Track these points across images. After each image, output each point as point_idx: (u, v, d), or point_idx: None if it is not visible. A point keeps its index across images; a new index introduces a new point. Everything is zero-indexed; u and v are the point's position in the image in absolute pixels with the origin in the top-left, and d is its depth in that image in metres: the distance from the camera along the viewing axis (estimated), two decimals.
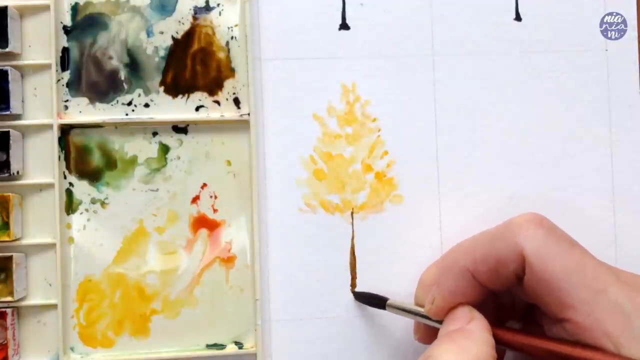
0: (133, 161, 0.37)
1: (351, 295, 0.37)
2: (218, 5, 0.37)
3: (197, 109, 0.37)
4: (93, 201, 0.37)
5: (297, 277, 0.37)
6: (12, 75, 0.35)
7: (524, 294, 0.32)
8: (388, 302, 0.35)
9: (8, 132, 0.35)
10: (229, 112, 0.37)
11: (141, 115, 0.37)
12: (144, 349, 0.36)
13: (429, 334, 0.34)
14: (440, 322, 0.32)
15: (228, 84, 0.37)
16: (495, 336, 0.31)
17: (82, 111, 0.37)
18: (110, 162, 0.37)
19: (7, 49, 0.35)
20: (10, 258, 0.35)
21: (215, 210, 0.37)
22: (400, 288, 0.37)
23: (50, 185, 0.36)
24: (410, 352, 0.37)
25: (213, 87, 0.37)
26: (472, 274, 0.31)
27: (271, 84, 0.37)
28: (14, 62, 0.36)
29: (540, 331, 0.31)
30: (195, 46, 0.37)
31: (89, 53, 0.37)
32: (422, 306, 0.34)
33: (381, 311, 0.37)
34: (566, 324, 0.29)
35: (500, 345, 0.31)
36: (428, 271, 0.36)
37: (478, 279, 0.31)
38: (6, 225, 0.35)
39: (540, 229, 0.30)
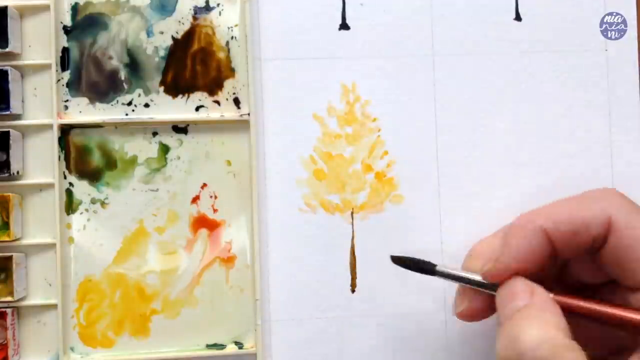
0: (133, 161, 0.37)
1: (351, 295, 0.37)
2: (218, 5, 0.37)
3: (197, 109, 0.37)
4: (93, 201, 0.37)
5: (297, 277, 0.37)
6: (12, 75, 0.35)
7: (593, 266, 0.31)
8: (437, 267, 0.33)
9: (8, 132, 0.35)
10: (229, 112, 0.37)
11: (141, 115, 0.37)
12: (144, 349, 0.37)
13: (478, 305, 0.32)
14: (494, 289, 0.31)
15: (228, 84, 0.37)
16: (567, 307, 0.30)
17: (82, 111, 0.37)
18: (110, 162, 0.37)
19: (7, 49, 0.35)
20: (10, 258, 0.35)
21: (215, 210, 0.37)
22: (400, 288, 0.37)
23: (50, 185, 0.36)
24: (411, 352, 0.37)
25: (213, 87, 0.37)
26: (548, 235, 0.30)
27: (271, 84, 0.37)
28: (14, 62, 0.36)
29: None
30: (195, 46, 0.37)
31: (89, 53, 0.37)
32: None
33: (381, 311, 0.37)
34: None
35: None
36: (484, 241, 0.34)
37: (554, 241, 0.30)
38: (6, 225, 0.35)
39: (625, 199, 0.30)
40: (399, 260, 0.34)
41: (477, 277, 0.32)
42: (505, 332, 0.29)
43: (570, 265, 0.33)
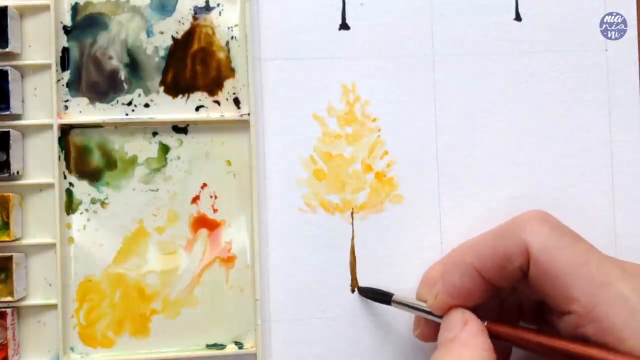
0: (133, 161, 0.37)
1: (351, 295, 0.37)
2: (218, 5, 0.37)
3: (197, 109, 0.37)
4: (93, 201, 0.37)
5: (297, 277, 0.37)
6: (12, 75, 0.35)
7: (529, 290, 0.32)
8: (393, 297, 0.35)
9: (8, 132, 0.35)
10: (229, 112, 0.37)
11: (141, 115, 0.37)
12: (144, 349, 0.36)
13: (428, 330, 0.34)
14: (441, 317, 0.33)
15: (228, 84, 0.37)
16: (496, 334, 0.31)
17: (82, 111, 0.37)
18: (110, 162, 0.37)
19: (7, 49, 0.35)
20: (10, 258, 0.35)
21: (215, 210, 0.37)
22: (400, 288, 0.37)
23: (50, 185, 0.36)
24: (411, 352, 0.37)
25: (213, 87, 0.37)
26: (477, 271, 0.31)
27: (271, 84, 0.37)
28: (14, 62, 0.36)
29: (549, 330, 0.31)
30: (195, 46, 0.37)
31: (89, 53, 0.37)
32: (425, 302, 0.34)
33: (381, 311, 0.37)
34: (571, 317, 0.29)
35: (503, 342, 0.31)
36: (432, 269, 0.36)
37: (483, 275, 0.31)
38: (6, 225, 0.35)
39: (545, 224, 0.30)
40: (364, 292, 0.37)
41: (426, 308, 0.34)
42: None
43: (513, 290, 0.34)
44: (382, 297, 0.36)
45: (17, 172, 0.36)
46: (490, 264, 0.31)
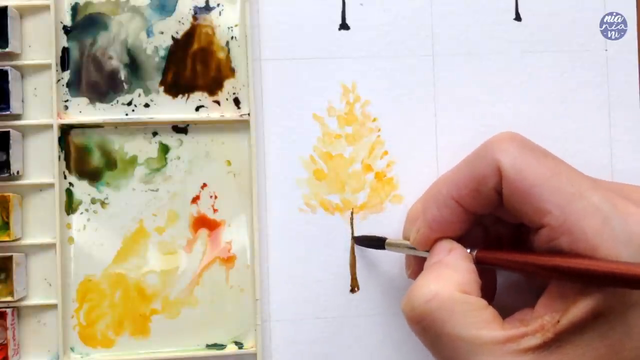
0: (133, 161, 0.37)
1: (351, 295, 0.37)
2: (218, 5, 0.37)
3: (197, 109, 0.37)
4: (93, 201, 0.37)
5: (297, 277, 0.37)
6: (12, 75, 0.35)
7: (505, 215, 0.32)
8: (387, 241, 0.35)
9: (8, 132, 0.35)
10: (229, 112, 0.37)
11: (141, 115, 0.37)
12: (144, 349, 0.37)
13: (419, 269, 0.34)
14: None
15: (228, 84, 0.37)
16: (483, 260, 0.31)
17: (82, 111, 0.37)
18: (110, 162, 0.37)
19: (7, 49, 0.35)
20: (10, 258, 0.35)
21: (215, 210, 0.37)
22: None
23: (50, 185, 0.36)
24: (411, 352, 0.37)
25: (213, 87, 0.37)
26: (455, 200, 0.31)
27: (271, 84, 0.37)
28: (14, 62, 0.36)
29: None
30: (195, 46, 0.37)
31: (89, 53, 0.37)
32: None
33: (381, 310, 0.37)
34: (544, 230, 0.29)
35: (487, 266, 0.31)
36: (413, 207, 0.36)
37: (461, 203, 0.31)
38: (6, 225, 0.35)
39: (514, 142, 0.30)
40: (359, 240, 0.37)
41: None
42: (409, 290, 0.31)
43: (487, 220, 0.34)
44: (376, 242, 0.36)
45: (17, 172, 0.36)
46: (466, 190, 0.31)
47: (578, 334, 0.28)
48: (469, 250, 0.32)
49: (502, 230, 0.34)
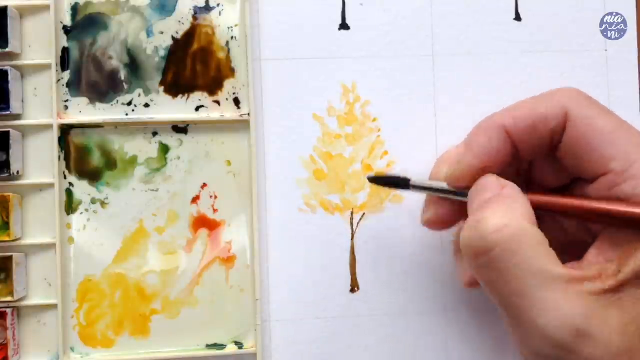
0: (133, 161, 0.37)
1: (351, 295, 0.37)
2: (218, 5, 0.37)
3: (197, 109, 0.37)
4: (93, 201, 0.37)
5: (297, 277, 0.37)
6: (12, 75, 0.35)
7: (556, 160, 0.31)
8: (412, 181, 0.33)
9: (8, 132, 0.35)
10: (229, 112, 0.37)
11: (141, 115, 0.37)
12: (144, 349, 0.37)
13: (443, 211, 0.33)
14: (465, 196, 0.31)
15: (228, 84, 0.37)
16: (533, 202, 0.30)
17: (82, 111, 0.37)
18: (110, 162, 0.37)
19: (7, 49, 0.35)
20: (10, 258, 0.35)
21: (215, 210, 0.37)
22: (400, 287, 0.37)
23: (50, 185, 0.36)
24: (410, 352, 0.37)
25: (213, 87, 0.37)
26: (508, 132, 0.31)
27: (271, 84, 0.38)
28: (14, 62, 0.36)
29: None
30: (195, 46, 0.37)
31: (89, 53, 0.37)
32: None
33: (381, 310, 0.37)
34: (606, 178, 0.29)
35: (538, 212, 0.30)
36: (446, 151, 0.35)
37: (514, 136, 0.31)
38: (6, 225, 0.35)
39: (582, 93, 0.31)
40: (375, 180, 0.35)
41: (450, 188, 0.32)
42: (471, 219, 0.29)
43: (532, 170, 0.33)
44: (398, 182, 0.33)
45: (17, 172, 0.36)
46: (524, 124, 0.30)
47: None
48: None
49: (540, 181, 0.33)
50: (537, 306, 0.27)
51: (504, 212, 0.29)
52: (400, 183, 0.33)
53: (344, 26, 0.38)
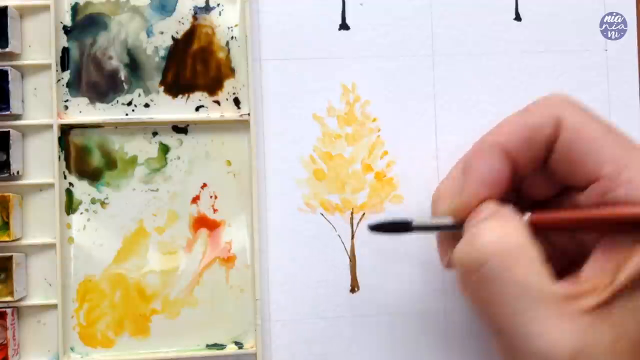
0: (133, 161, 0.37)
1: (351, 295, 0.37)
2: (218, 5, 0.37)
3: (197, 109, 0.37)
4: (93, 201, 0.37)
5: (297, 277, 0.37)
6: (12, 75, 0.35)
7: (545, 171, 0.31)
8: (414, 223, 0.32)
9: (8, 132, 0.35)
10: (229, 112, 0.37)
11: (141, 115, 0.37)
12: (144, 349, 0.37)
13: None
14: None
15: (228, 84, 0.37)
16: (534, 222, 0.30)
17: (82, 111, 0.37)
18: (110, 162, 0.37)
19: (7, 49, 0.35)
20: (10, 258, 0.35)
21: (215, 210, 0.37)
22: (400, 288, 0.37)
23: (50, 185, 0.36)
24: (411, 351, 0.37)
25: (213, 87, 0.37)
26: (505, 150, 0.30)
27: (271, 84, 0.38)
28: (14, 62, 0.36)
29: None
30: (195, 46, 0.37)
31: (89, 53, 0.37)
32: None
33: (381, 310, 0.37)
34: (598, 184, 0.29)
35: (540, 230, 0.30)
36: (441, 184, 0.34)
37: (511, 154, 0.30)
38: (6, 225, 0.35)
39: (571, 100, 0.31)
40: (377, 228, 0.33)
41: (450, 221, 0.31)
42: (466, 236, 0.29)
43: (521, 184, 0.33)
44: (399, 226, 0.32)
45: (17, 172, 0.36)
46: (518, 137, 0.30)
47: (637, 289, 0.27)
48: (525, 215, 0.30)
49: (530, 196, 0.33)
50: (530, 327, 0.27)
51: (500, 226, 0.29)
52: (402, 227, 0.33)
53: (344, 26, 0.38)
